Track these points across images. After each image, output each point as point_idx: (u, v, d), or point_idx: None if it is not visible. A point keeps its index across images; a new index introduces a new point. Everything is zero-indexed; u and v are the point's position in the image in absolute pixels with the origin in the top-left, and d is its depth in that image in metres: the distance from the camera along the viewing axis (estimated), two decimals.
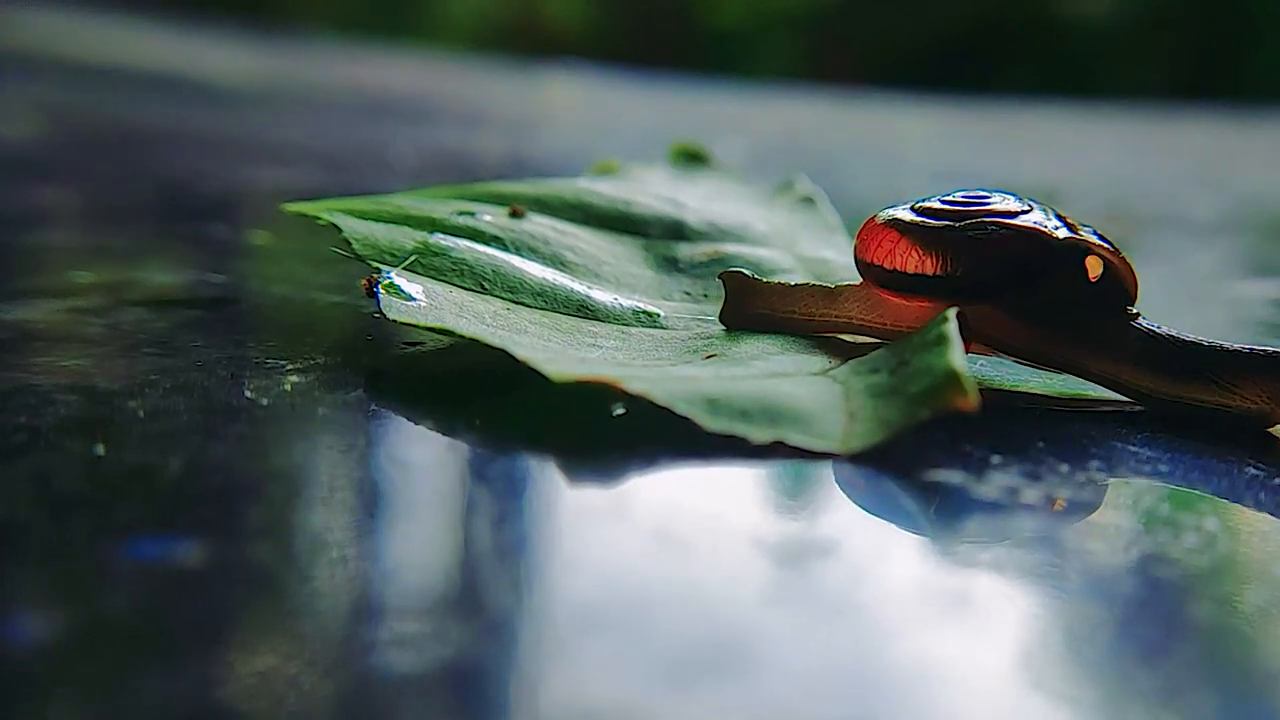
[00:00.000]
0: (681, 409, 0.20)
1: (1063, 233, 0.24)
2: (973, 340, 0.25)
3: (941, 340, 0.21)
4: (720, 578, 0.16)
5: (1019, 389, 0.25)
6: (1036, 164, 1.15)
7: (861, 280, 0.26)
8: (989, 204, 0.25)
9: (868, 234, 0.26)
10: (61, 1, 2.23)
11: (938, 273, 0.24)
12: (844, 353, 0.25)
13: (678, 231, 0.32)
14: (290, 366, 0.24)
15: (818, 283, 0.27)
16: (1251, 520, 0.19)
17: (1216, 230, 0.63)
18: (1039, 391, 0.25)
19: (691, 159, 0.42)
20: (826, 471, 0.20)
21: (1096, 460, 0.21)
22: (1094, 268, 0.24)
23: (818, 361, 0.24)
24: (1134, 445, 0.22)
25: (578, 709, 0.13)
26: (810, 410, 0.21)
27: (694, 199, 0.34)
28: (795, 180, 0.39)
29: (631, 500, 0.18)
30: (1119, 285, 0.25)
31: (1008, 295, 0.25)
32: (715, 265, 0.30)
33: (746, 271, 0.27)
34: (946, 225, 0.25)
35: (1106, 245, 0.25)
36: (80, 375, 0.23)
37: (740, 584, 0.16)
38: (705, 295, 0.29)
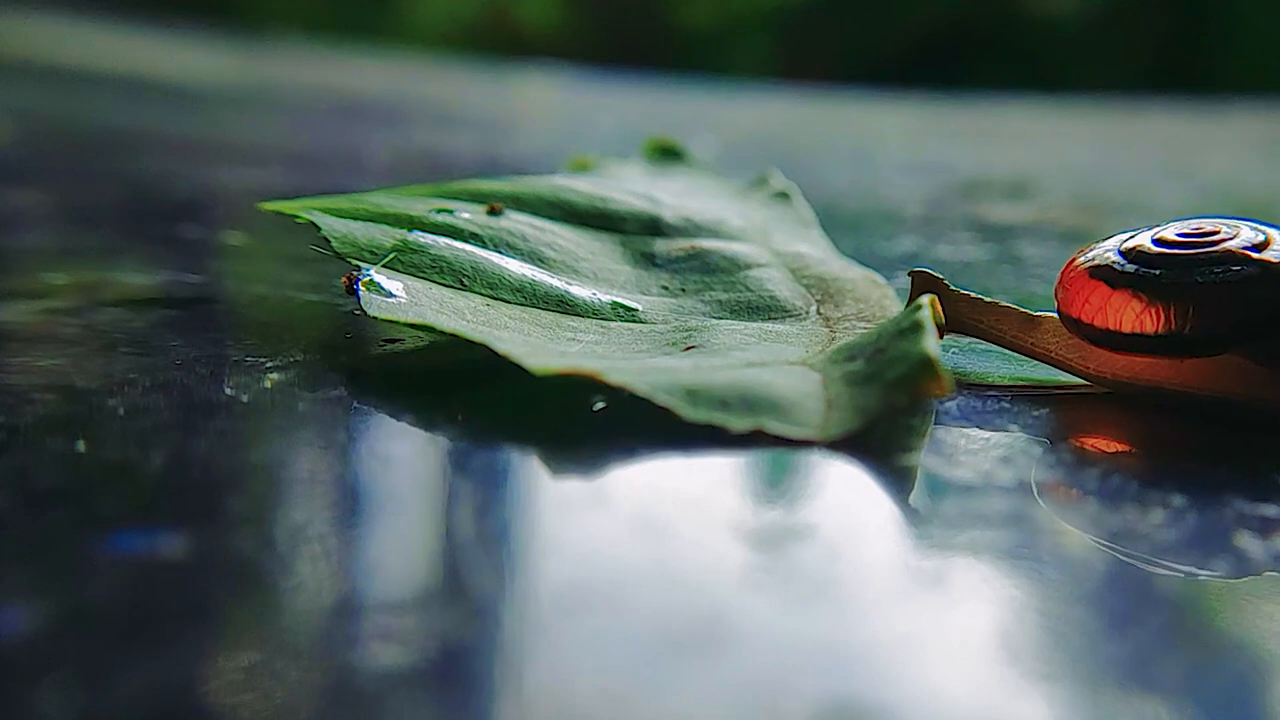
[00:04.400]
0: (661, 399, 0.20)
1: None
2: (951, 328, 0.25)
3: (916, 327, 0.21)
4: (701, 562, 0.16)
5: (992, 377, 0.26)
6: (1008, 158, 1.16)
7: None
8: (1216, 239, 0.22)
9: (1072, 285, 0.23)
10: (28, 4, 2.20)
11: (1160, 330, 0.22)
12: (821, 342, 0.25)
13: (654, 227, 0.32)
14: (270, 364, 0.24)
15: (1014, 306, 0.25)
16: (1220, 496, 0.20)
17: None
18: (1012, 379, 0.26)
19: (666, 154, 0.43)
20: (805, 458, 0.20)
21: (1070, 443, 0.22)
22: None
23: (795, 350, 0.24)
24: (1107, 427, 0.23)
25: (561, 691, 0.13)
26: (789, 398, 0.21)
27: (669, 195, 0.35)
28: (769, 175, 0.39)
29: (613, 490, 0.19)
30: None
31: (1246, 345, 0.22)
32: (691, 260, 0.31)
33: (934, 271, 0.25)
34: (1164, 273, 0.22)
35: None
36: (58, 374, 0.23)
37: (721, 568, 0.16)
38: (683, 289, 0.29)
